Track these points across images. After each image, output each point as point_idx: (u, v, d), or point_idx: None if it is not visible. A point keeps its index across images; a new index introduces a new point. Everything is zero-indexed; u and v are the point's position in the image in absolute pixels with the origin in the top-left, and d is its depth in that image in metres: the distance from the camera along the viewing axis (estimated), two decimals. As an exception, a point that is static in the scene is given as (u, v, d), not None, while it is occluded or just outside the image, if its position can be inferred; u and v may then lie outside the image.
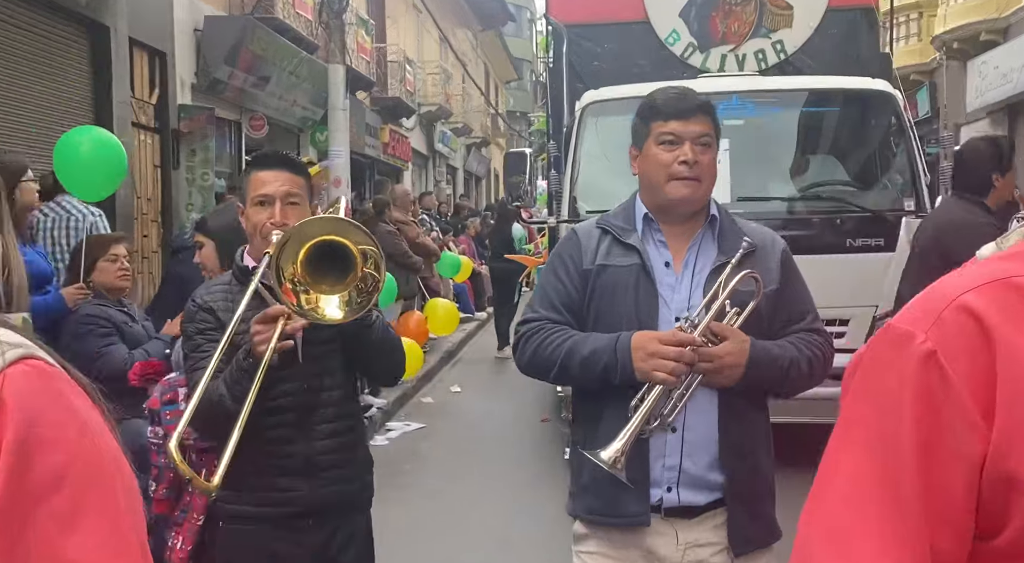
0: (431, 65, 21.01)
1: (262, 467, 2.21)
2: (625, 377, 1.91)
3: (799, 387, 2.05)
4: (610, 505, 2.03)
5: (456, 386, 8.84)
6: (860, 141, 5.82)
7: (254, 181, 2.27)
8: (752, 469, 2.04)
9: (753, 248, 2.04)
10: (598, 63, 6.53)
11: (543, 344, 2.04)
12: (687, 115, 2.03)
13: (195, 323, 2.25)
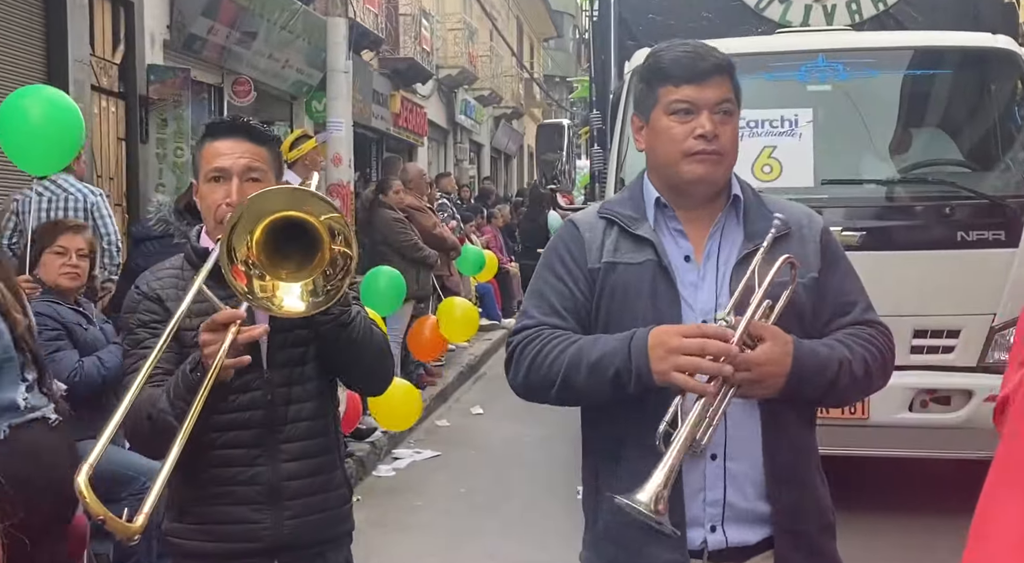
0: (452, 19, 21.10)
1: (215, 494, 2.22)
2: (641, 384, 1.88)
3: (852, 394, 2.05)
4: (637, 555, 2.01)
5: (477, 407, 8.87)
6: (977, 111, 5.75)
7: (208, 152, 2.27)
8: (804, 497, 2.03)
9: (787, 228, 2.02)
10: (653, 16, 6.53)
11: (541, 354, 2.00)
12: (703, 77, 1.99)
13: (138, 313, 2.26)
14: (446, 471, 6.82)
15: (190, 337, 2.20)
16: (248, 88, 11.13)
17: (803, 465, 2.04)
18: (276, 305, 2.02)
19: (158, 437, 2.08)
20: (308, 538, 2.29)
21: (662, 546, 1.97)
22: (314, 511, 2.29)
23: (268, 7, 10.83)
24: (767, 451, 1.99)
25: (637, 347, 1.89)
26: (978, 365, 5.21)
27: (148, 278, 2.33)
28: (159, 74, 9.25)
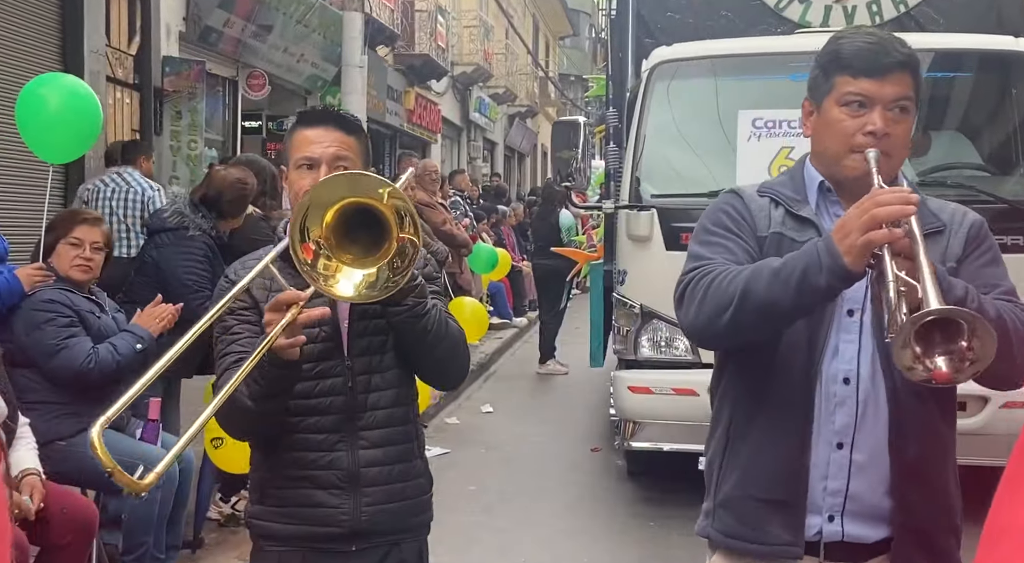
0: (468, 16, 21.12)
1: (295, 477, 2.26)
2: (835, 270, 1.79)
3: (1002, 358, 1.80)
4: (754, 527, 2.04)
5: (488, 406, 8.88)
6: (997, 115, 5.73)
7: (298, 140, 2.31)
8: (931, 497, 2.01)
9: (941, 227, 2.02)
10: (672, 14, 6.52)
11: (719, 277, 1.94)
12: (884, 72, 1.95)
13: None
14: (455, 469, 6.82)
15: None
16: (263, 82, 11.16)
17: (934, 462, 2.01)
18: (329, 285, 2.04)
19: (236, 415, 2.15)
20: (385, 525, 2.32)
21: (780, 525, 2.00)
22: (392, 499, 2.31)
23: (284, 1, 10.86)
24: (894, 445, 1.97)
25: (823, 243, 1.84)
26: (993, 370, 5.19)
27: (236, 267, 2.37)
28: (174, 66, 9.29)
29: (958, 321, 1.68)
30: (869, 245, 1.76)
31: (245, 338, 2.24)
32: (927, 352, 1.69)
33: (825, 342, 1.99)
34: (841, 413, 1.98)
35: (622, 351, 5.61)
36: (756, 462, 2.04)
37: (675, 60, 5.62)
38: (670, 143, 5.57)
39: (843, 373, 1.99)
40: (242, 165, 5.26)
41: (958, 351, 1.69)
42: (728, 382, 2.14)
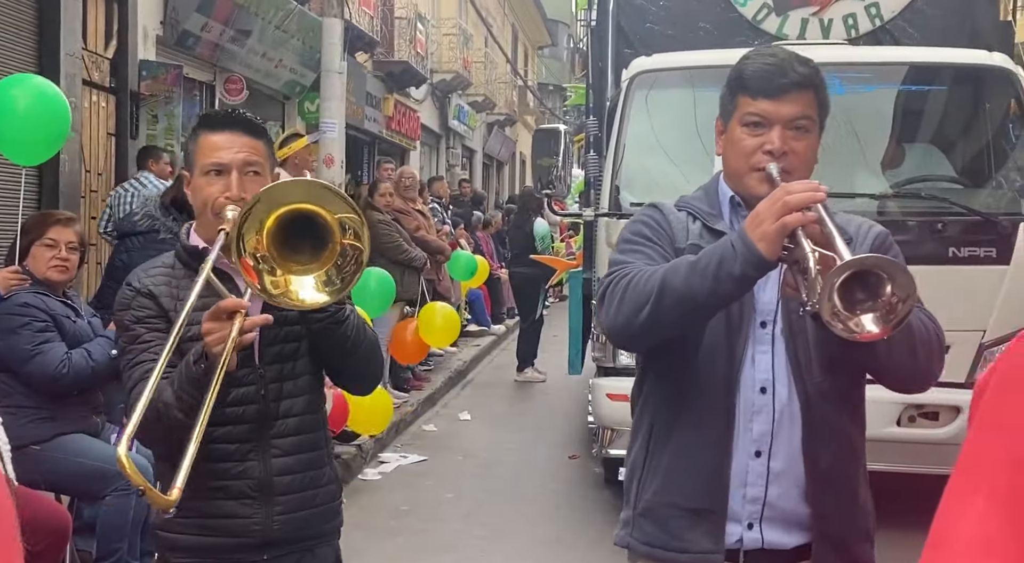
0: (448, 24, 21.14)
1: (206, 488, 2.22)
2: (749, 258, 1.83)
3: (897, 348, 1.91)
4: (674, 536, 2.07)
5: (465, 413, 8.90)
6: (970, 128, 5.80)
7: (205, 145, 2.27)
8: (844, 503, 2.06)
9: (848, 239, 2.04)
10: (651, 25, 6.58)
11: (636, 276, 1.98)
12: (780, 93, 2.01)
13: (133, 310, 2.27)
14: (432, 476, 6.82)
15: (185, 333, 2.20)
16: (240, 86, 11.12)
17: (845, 466, 2.06)
18: (294, 299, 2.04)
19: (164, 430, 2.11)
20: (297, 533, 2.30)
21: (701, 533, 2.03)
22: (304, 507, 2.30)
23: (264, 6, 10.84)
24: (808, 452, 2.02)
25: (736, 234, 1.88)
26: (967, 381, 5.25)
27: (139, 275, 2.33)
28: (151, 70, 9.24)
29: (876, 273, 1.73)
30: (783, 229, 1.79)
31: (156, 346, 2.19)
32: (851, 310, 1.73)
33: (743, 352, 2.03)
34: (759, 421, 2.03)
35: (601, 359, 5.63)
36: (677, 470, 2.07)
37: (654, 70, 5.67)
38: (649, 152, 5.61)
39: (760, 382, 2.03)
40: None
41: (883, 303, 1.73)
42: (649, 391, 2.17)
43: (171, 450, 2.25)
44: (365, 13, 15.01)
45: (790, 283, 1.86)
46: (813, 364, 2.02)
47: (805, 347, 2.02)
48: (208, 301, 2.20)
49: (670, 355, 2.08)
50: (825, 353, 2.01)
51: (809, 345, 2.02)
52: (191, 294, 2.07)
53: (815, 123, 2.06)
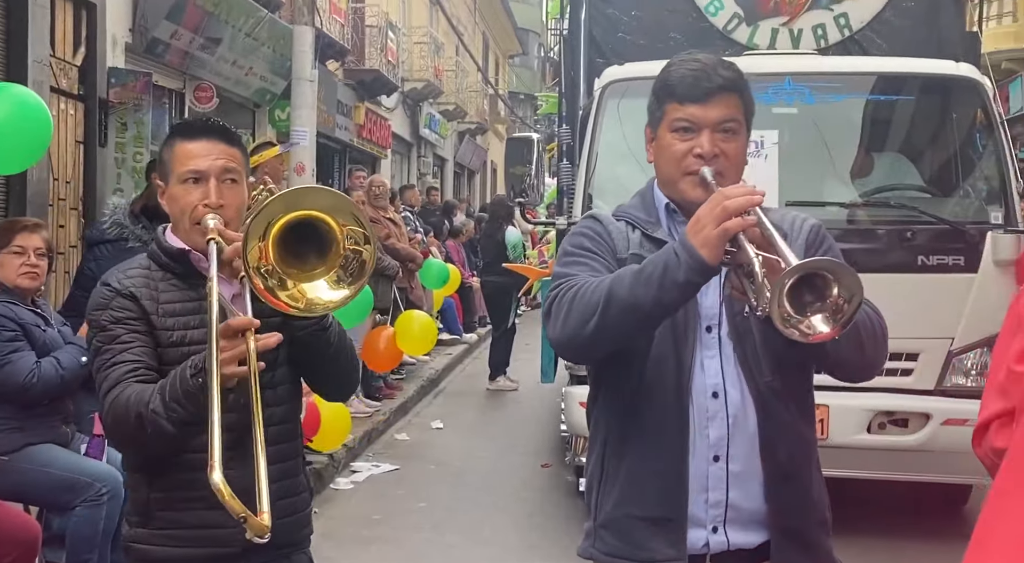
0: (419, 32, 21.15)
1: (185, 499, 2.20)
2: (693, 265, 1.84)
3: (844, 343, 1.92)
4: (637, 546, 2.08)
5: (437, 422, 8.88)
6: (938, 138, 5.88)
7: (180, 154, 2.26)
8: (801, 495, 2.10)
9: (783, 234, 2.08)
10: (623, 35, 6.62)
11: (583, 288, 1.99)
12: (707, 97, 2.04)
13: (112, 310, 2.23)
14: (405, 485, 6.81)
15: (166, 337, 2.21)
16: (210, 94, 11.06)
17: (800, 461, 2.10)
18: (319, 304, 2.03)
19: (144, 437, 2.09)
20: (276, 540, 2.27)
21: (663, 541, 2.05)
22: (283, 514, 2.28)
23: (234, 13, 10.79)
24: (764, 451, 2.05)
25: (678, 241, 1.89)
26: (936, 388, 5.32)
27: (118, 276, 2.29)
28: (120, 77, 9.17)
29: (821, 274, 1.76)
30: (725, 234, 1.82)
31: (137, 347, 2.17)
32: (801, 313, 1.77)
33: (691, 358, 2.05)
34: (714, 426, 2.05)
35: (573, 367, 5.64)
36: (634, 480, 2.09)
37: (626, 79, 5.70)
38: (621, 160, 5.63)
39: (711, 387, 2.06)
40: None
41: (830, 304, 1.77)
42: (602, 402, 2.19)
43: (146, 459, 2.24)
44: (336, 21, 15.00)
45: (736, 286, 1.89)
46: (762, 364, 2.05)
47: (753, 348, 2.05)
48: (191, 306, 2.18)
49: (619, 366, 2.09)
50: (773, 352, 2.04)
51: (756, 345, 2.05)
52: (211, 316, 2.01)
53: (742, 125, 2.09)
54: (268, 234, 1.99)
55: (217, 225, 2.17)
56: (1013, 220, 5.28)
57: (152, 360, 2.18)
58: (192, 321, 2.23)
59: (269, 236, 1.99)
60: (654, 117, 2.14)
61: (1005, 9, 17.73)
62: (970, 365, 5.31)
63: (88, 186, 8.81)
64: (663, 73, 2.13)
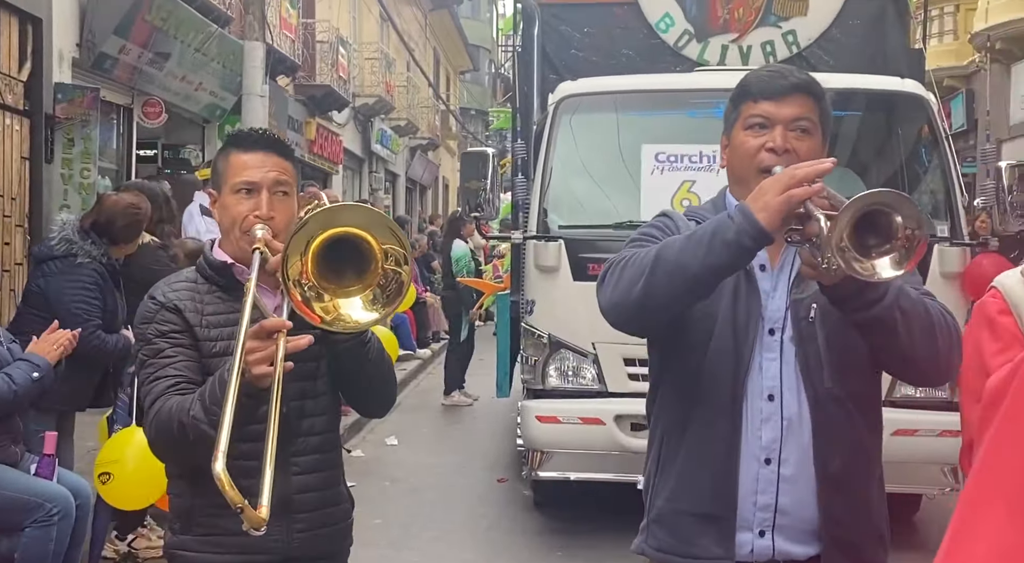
0: (370, 48, 21.13)
1: (225, 505, 2.10)
2: (747, 226, 1.83)
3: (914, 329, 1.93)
4: (685, 542, 2.10)
5: (392, 438, 8.82)
6: (884, 152, 6.00)
7: (235, 164, 2.29)
8: (856, 508, 2.07)
9: None
10: (575, 51, 6.68)
11: (636, 256, 2.00)
12: (781, 94, 2.08)
13: (156, 324, 2.25)
14: (360, 502, 6.63)
15: (209, 348, 2.23)
16: (159, 110, 10.97)
17: (857, 471, 2.07)
18: (349, 321, 2.05)
19: (188, 444, 2.11)
20: (315, 551, 2.31)
21: (711, 539, 2.06)
22: (322, 524, 2.32)
23: (183, 28, 10.71)
24: (817, 457, 2.04)
25: (737, 207, 1.90)
26: (886, 399, 5.35)
27: (163, 289, 2.31)
28: (67, 93, 9.06)
29: (881, 210, 1.75)
30: (789, 200, 1.81)
31: (180, 362, 2.21)
32: (867, 256, 1.76)
33: (750, 360, 2.06)
34: (767, 429, 2.05)
35: (530, 380, 5.66)
36: (686, 477, 2.11)
37: (580, 94, 5.76)
38: (576, 175, 5.68)
39: (767, 390, 2.06)
40: (134, 190, 5.19)
41: (899, 242, 1.76)
42: (661, 401, 2.21)
43: (190, 465, 2.25)
44: (286, 37, 14.93)
45: (808, 261, 1.87)
46: (824, 369, 2.03)
47: (815, 353, 2.04)
48: (234, 317, 2.18)
49: (680, 362, 2.11)
50: (836, 357, 2.03)
51: (820, 350, 2.04)
52: (243, 318, 2.02)
53: (817, 127, 2.10)
54: (308, 249, 2.00)
55: (265, 235, 2.19)
56: (959, 233, 5.40)
57: (195, 374, 2.21)
58: (237, 331, 2.19)
59: (309, 251, 2.01)
60: (729, 120, 2.16)
61: (946, 28, 18.15)
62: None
63: (34, 203, 8.69)
64: (742, 80, 2.17)
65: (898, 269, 1.77)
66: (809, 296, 2.06)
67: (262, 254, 2.15)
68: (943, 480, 5.41)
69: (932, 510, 6.31)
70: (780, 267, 2.11)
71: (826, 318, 2.04)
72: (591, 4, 6.70)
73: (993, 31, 15.23)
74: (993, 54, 15.86)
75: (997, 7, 15.25)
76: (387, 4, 19.70)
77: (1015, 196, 5.35)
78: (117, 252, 4.78)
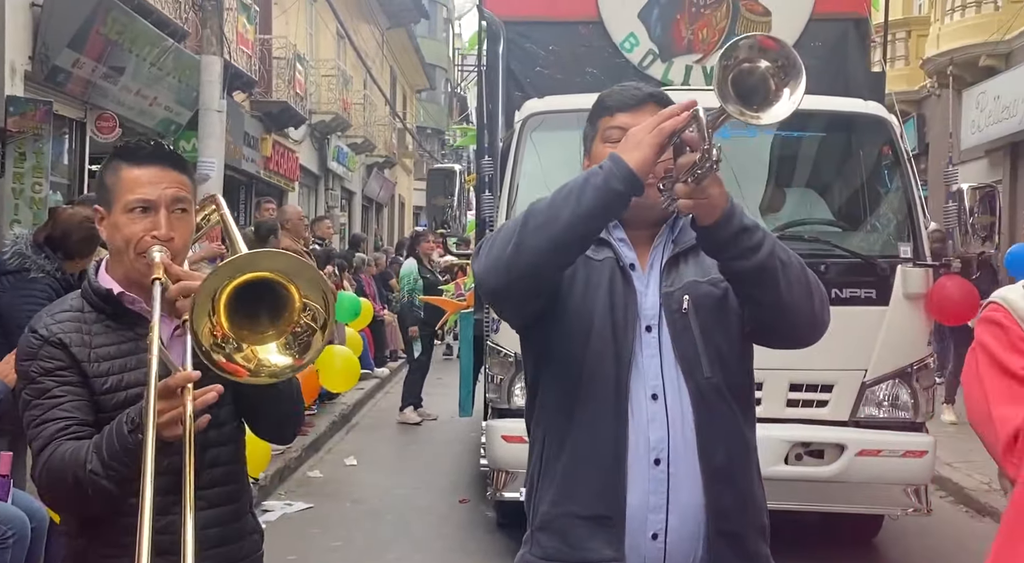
0: (327, 65, 21.05)
1: (125, 544, 2.02)
2: (616, 170, 1.86)
3: (784, 278, 1.98)
4: (574, 546, 2.05)
5: (351, 458, 8.71)
6: (847, 173, 6.05)
7: (128, 180, 2.12)
8: (740, 499, 2.08)
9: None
10: (540, 69, 6.67)
11: (507, 223, 2.03)
12: (635, 105, 2.14)
13: (39, 360, 2.09)
14: (319, 524, 6.65)
15: (100, 384, 2.08)
16: (113, 124, 10.81)
17: (739, 462, 2.09)
18: (268, 367, 1.95)
19: (84, 498, 1.99)
20: None
21: (601, 541, 2.02)
22: (230, 560, 2.19)
23: (138, 42, 10.58)
24: (702, 451, 2.04)
25: (609, 156, 1.91)
26: (850, 420, 5.42)
27: (46, 321, 2.14)
28: (18, 106, 8.91)
29: (755, 70, 1.81)
30: (660, 133, 1.86)
31: (68, 402, 2.05)
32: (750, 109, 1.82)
33: (630, 359, 2.06)
34: (654, 428, 2.05)
35: (496, 399, 5.61)
36: (572, 478, 2.07)
37: (545, 112, 5.75)
38: (541, 192, 5.61)
39: (650, 389, 2.06)
40: (89, 204, 5.08)
41: (774, 76, 1.81)
42: (541, 402, 2.18)
43: (84, 522, 2.12)
44: (243, 52, 14.82)
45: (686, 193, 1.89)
46: (702, 360, 2.05)
47: (691, 343, 2.06)
48: (126, 347, 2.08)
49: (559, 360, 2.10)
50: (712, 347, 2.06)
51: (695, 340, 2.06)
52: (151, 371, 1.89)
53: None
54: (218, 303, 1.90)
55: (163, 258, 2.06)
56: (922, 254, 5.45)
57: (86, 414, 2.06)
58: (129, 363, 2.11)
59: (220, 303, 1.89)
60: (588, 139, 2.25)
61: (898, 53, 18.47)
62: (882, 396, 5.43)
63: (-15, 217, 8.50)
64: (597, 98, 2.23)
65: (795, 93, 1.80)
66: (679, 288, 2.10)
67: (162, 284, 2.01)
68: (906, 500, 5.42)
69: (894, 530, 6.34)
70: (650, 266, 2.14)
71: (699, 308, 2.08)
72: (556, 22, 6.71)
73: (944, 57, 15.49)
74: (943, 80, 16.13)
75: (949, 33, 15.54)
76: (344, 21, 19.65)
77: (976, 218, 5.41)
78: (72, 267, 4.66)
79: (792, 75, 1.81)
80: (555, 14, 6.68)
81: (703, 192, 1.89)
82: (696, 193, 1.88)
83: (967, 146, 15.39)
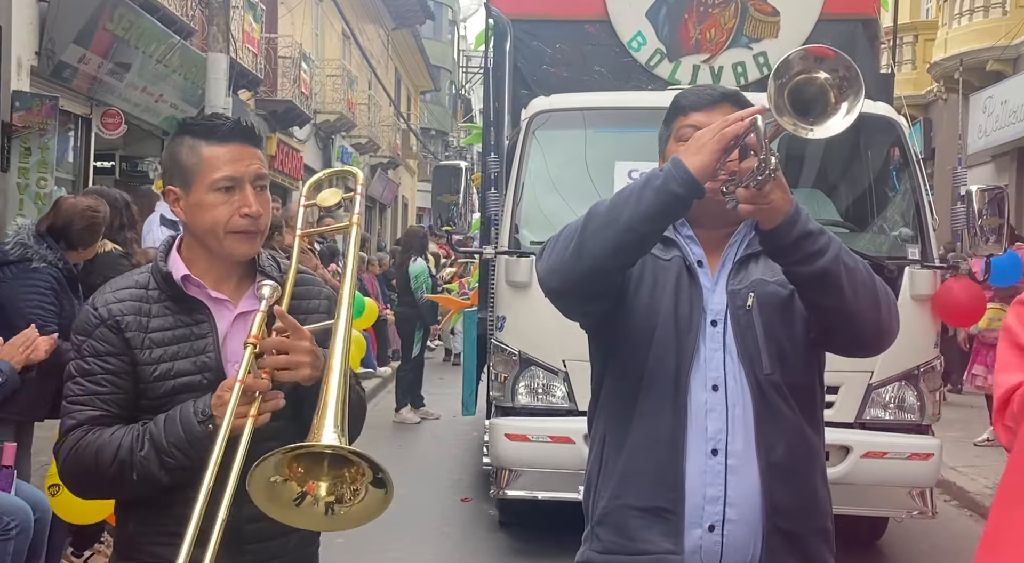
0: (332, 65, 21.08)
1: (174, 533, 1.98)
2: (676, 173, 1.89)
3: (850, 285, 1.97)
4: (632, 538, 2.05)
5: (352, 458, 8.70)
6: (856, 174, 6.04)
7: (212, 159, 2.07)
8: (800, 498, 2.06)
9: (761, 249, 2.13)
10: (547, 67, 6.67)
11: (569, 225, 2.03)
12: (710, 105, 2.14)
13: (92, 340, 2.08)
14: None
15: (149, 372, 2.06)
16: (119, 121, 10.85)
17: (800, 460, 2.08)
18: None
19: (123, 483, 2.01)
20: None
21: (658, 533, 2.02)
22: (273, 555, 2.15)
23: (145, 39, 10.60)
24: (760, 445, 2.03)
25: (671, 159, 1.94)
26: (855, 421, 5.40)
27: (107, 298, 2.11)
28: (24, 101, 8.94)
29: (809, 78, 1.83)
30: (723, 139, 1.88)
31: (109, 395, 2.05)
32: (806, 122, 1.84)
33: (693, 351, 2.07)
34: (712, 419, 2.05)
35: (499, 398, 5.60)
36: (631, 471, 2.08)
37: (552, 110, 5.75)
38: (548, 191, 5.66)
39: (711, 380, 2.07)
40: (93, 194, 5.08)
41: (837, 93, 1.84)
42: (603, 399, 2.19)
43: (130, 508, 2.13)
44: (249, 51, 14.84)
45: (746, 198, 1.90)
46: (762, 356, 2.05)
47: (753, 340, 2.07)
48: (181, 333, 2.07)
49: (624, 357, 2.11)
50: (774, 345, 2.06)
51: (757, 337, 2.06)
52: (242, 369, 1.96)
53: None
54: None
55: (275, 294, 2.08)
56: (930, 256, 5.44)
57: (123, 409, 2.06)
58: (181, 350, 2.08)
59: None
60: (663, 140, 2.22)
61: (905, 57, 18.46)
62: (888, 398, 5.42)
63: (-11, 211, 8.52)
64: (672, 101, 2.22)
65: (852, 109, 1.82)
66: (746, 286, 2.10)
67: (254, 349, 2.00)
68: (911, 503, 5.41)
69: (898, 533, 6.33)
70: (721, 264, 2.15)
71: (763, 306, 2.09)
72: (563, 21, 6.70)
73: (951, 61, 15.49)
74: (950, 84, 16.13)
75: (956, 37, 15.54)
76: (350, 21, 19.67)
77: (985, 220, 5.40)
78: (74, 257, 4.65)
79: (853, 89, 1.84)
80: (562, 12, 6.67)
81: (764, 197, 1.90)
82: (756, 198, 1.91)
83: (974, 151, 15.37)
